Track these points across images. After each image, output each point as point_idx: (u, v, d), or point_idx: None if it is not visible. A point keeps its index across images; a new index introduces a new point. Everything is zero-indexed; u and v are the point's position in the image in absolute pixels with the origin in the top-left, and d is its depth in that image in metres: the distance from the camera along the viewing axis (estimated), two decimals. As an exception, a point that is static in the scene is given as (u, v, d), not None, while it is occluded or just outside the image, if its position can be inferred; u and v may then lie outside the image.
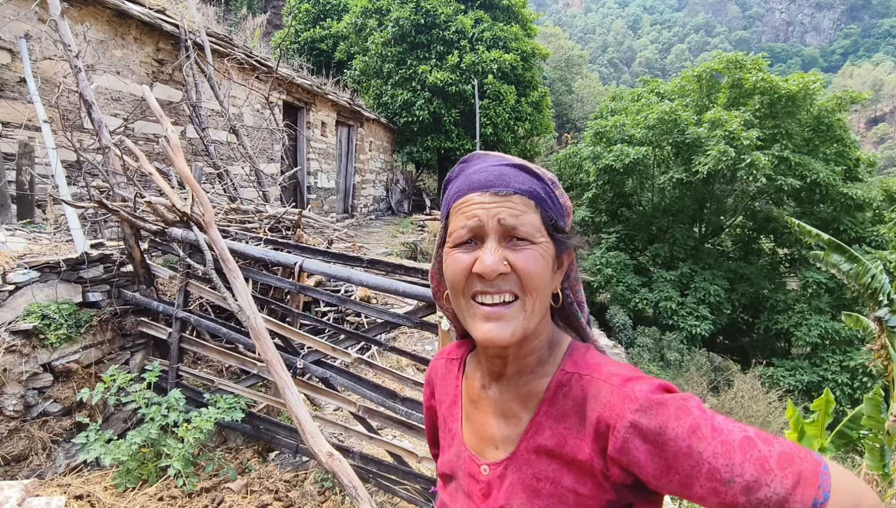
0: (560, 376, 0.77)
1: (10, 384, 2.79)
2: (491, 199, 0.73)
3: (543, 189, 0.76)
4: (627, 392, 0.69)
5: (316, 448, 2.70)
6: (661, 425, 0.65)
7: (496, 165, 0.76)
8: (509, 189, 0.73)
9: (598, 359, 0.78)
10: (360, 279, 3.00)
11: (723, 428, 0.64)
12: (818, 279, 12.59)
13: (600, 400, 0.71)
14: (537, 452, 0.76)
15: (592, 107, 29.04)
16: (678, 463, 0.64)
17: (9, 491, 1.53)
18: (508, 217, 0.72)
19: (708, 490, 0.63)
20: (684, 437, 0.64)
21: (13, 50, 4.42)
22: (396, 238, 11.32)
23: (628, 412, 0.67)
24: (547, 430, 0.75)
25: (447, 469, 0.89)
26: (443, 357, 0.99)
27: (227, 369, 3.98)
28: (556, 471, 0.74)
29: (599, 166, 14.53)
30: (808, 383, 11.78)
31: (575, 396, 0.74)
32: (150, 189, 5.02)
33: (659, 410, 0.66)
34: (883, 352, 6.19)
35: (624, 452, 0.67)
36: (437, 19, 14.75)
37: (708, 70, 15.17)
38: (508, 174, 0.75)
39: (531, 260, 0.72)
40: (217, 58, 6.91)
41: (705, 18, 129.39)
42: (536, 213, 0.74)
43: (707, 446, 0.63)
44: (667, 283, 13.84)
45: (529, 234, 0.72)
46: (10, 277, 2.91)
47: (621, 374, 0.73)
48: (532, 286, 0.72)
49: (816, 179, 12.57)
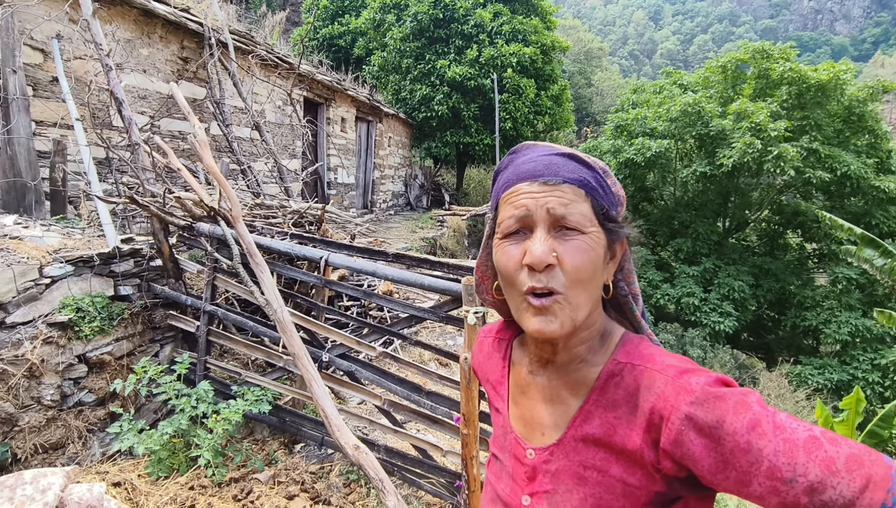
0: (612, 365, 0.76)
1: (48, 374, 2.88)
2: (539, 188, 0.73)
3: (594, 178, 0.75)
4: (683, 384, 0.67)
5: (342, 440, 2.72)
6: (719, 418, 0.63)
7: (545, 155, 0.76)
8: (558, 178, 0.73)
9: (651, 350, 0.76)
10: (385, 274, 3.02)
11: (786, 426, 0.62)
12: (848, 275, 12.25)
13: (654, 391, 0.70)
14: (585, 440, 0.75)
15: (613, 100, 28.69)
16: (736, 459, 0.62)
17: (52, 478, 1.58)
18: (557, 206, 0.71)
19: (767, 488, 0.61)
20: (743, 432, 0.62)
21: (45, 50, 4.53)
22: (416, 233, 11.35)
23: (683, 404, 0.66)
24: (596, 419, 0.75)
25: (495, 448, 0.90)
26: (490, 336, 0.98)
27: (253, 362, 4.04)
28: (603, 460, 0.73)
29: (620, 160, 14.33)
30: (837, 381, 11.49)
31: (627, 386, 0.73)
32: (177, 185, 5.11)
33: (716, 403, 0.64)
34: (918, 350, 6.01)
35: (678, 445, 0.66)
36: (455, 13, 14.70)
37: (733, 60, 14.82)
38: (557, 163, 0.74)
39: (579, 251, 0.71)
40: (240, 55, 6.99)
41: (729, 7, 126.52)
42: (587, 202, 0.73)
43: (768, 443, 0.61)
44: (689, 279, 13.62)
45: (579, 223, 0.72)
46: (46, 271, 2.99)
47: (677, 365, 0.71)
48: (580, 278, 0.71)
49: (847, 172, 12.20)
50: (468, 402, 2.55)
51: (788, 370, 11.57)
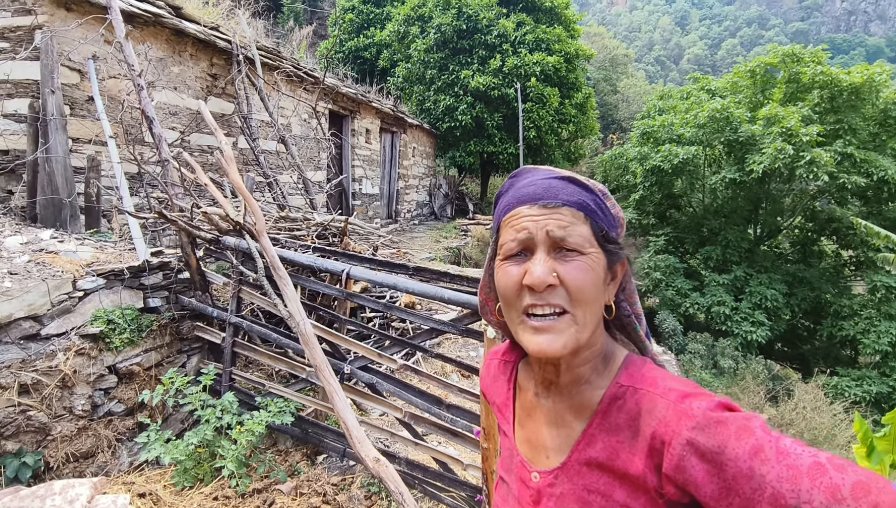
0: (614, 388, 0.76)
1: (80, 384, 2.97)
2: (539, 211, 0.74)
3: (593, 200, 0.76)
4: (685, 409, 0.67)
5: (363, 453, 2.73)
6: (721, 444, 0.62)
7: (544, 179, 0.77)
8: (557, 201, 0.74)
9: (654, 373, 0.76)
10: (406, 287, 3.03)
11: (790, 451, 0.61)
12: (888, 283, 11.79)
13: (655, 415, 0.69)
14: (588, 464, 0.75)
15: (639, 107, 28.36)
16: (738, 485, 0.61)
17: (80, 489, 1.62)
18: (557, 229, 0.72)
19: None
20: (745, 458, 0.61)
21: (82, 70, 4.72)
22: (440, 243, 11.39)
23: (685, 430, 0.65)
24: (599, 442, 0.75)
25: (502, 470, 0.91)
26: (497, 358, 0.99)
27: (276, 373, 4.09)
28: (607, 484, 0.73)
29: (647, 167, 14.15)
30: (876, 394, 11.04)
31: (629, 410, 0.73)
32: (204, 198, 5.25)
33: (718, 428, 0.64)
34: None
35: (680, 470, 0.65)
36: (478, 24, 14.78)
37: (762, 65, 14.52)
38: (556, 186, 0.76)
39: (580, 271, 0.72)
40: (266, 70, 7.16)
41: (758, 11, 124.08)
42: (586, 224, 0.74)
43: (771, 469, 0.60)
44: (719, 287, 13.30)
45: (579, 245, 0.72)
46: (80, 284, 3.10)
47: (679, 389, 0.71)
48: (581, 298, 0.72)
49: (884, 177, 11.78)
50: (488, 415, 2.54)
51: (825, 382, 11.16)
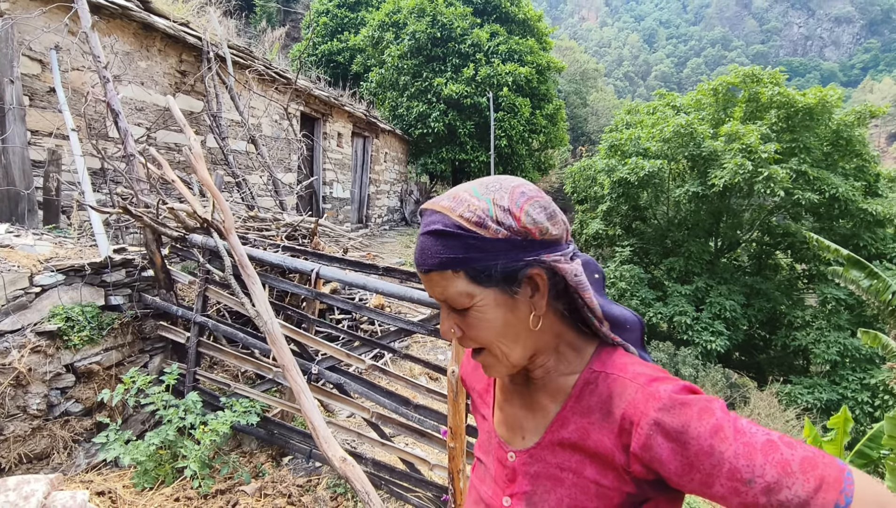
0: (587, 374, 0.80)
1: (35, 383, 2.86)
2: (423, 276, 0.77)
3: (463, 246, 0.71)
4: (652, 391, 0.71)
5: (329, 452, 2.72)
6: (684, 424, 0.67)
7: (422, 235, 0.75)
8: (425, 267, 0.75)
9: (625, 359, 0.80)
10: (375, 287, 3.04)
11: (746, 430, 0.66)
12: (837, 296, 12.37)
13: (625, 398, 0.74)
14: (561, 444, 0.79)
15: (607, 120, 29.02)
16: (700, 462, 0.66)
17: (35, 485, 1.58)
18: (438, 294, 0.77)
19: (728, 489, 0.65)
20: (706, 436, 0.66)
21: (43, 61, 4.58)
22: (410, 248, 11.39)
23: (652, 411, 0.70)
24: (572, 424, 0.79)
25: (480, 452, 0.95)
26: None
27: (242, 373, 4.03)
28: (578, 463, 0.77)
29: (614, 179, 14.49)
30: (826, 401, 11.53)
31: (601, 393, 0.77)
32: (171, 197, 5.14)
33: (682, 409, 0.68)
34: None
35: (647, 449, 0.70)
36: (453, 33, 14.94)
37: (724, 84, 15.11)
38: (426, 249, 0.74)
39: (473, 326, 0.76)
40: (238, 69, 7.07)
41: (722, 32, 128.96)
42: (458, 278, 0.73)
43: (729, 446, 0.65)
44: (682, 297, 13.69)
45: (460, 303, 0.75)
46: (37, 279, 3.00)
47: (647, 374, 0.75)
48: (487, 341, 0.77)
49: (835, 194, 12.40)
50: (455, 415, 2.57)
51: (778, 390, 11.61)
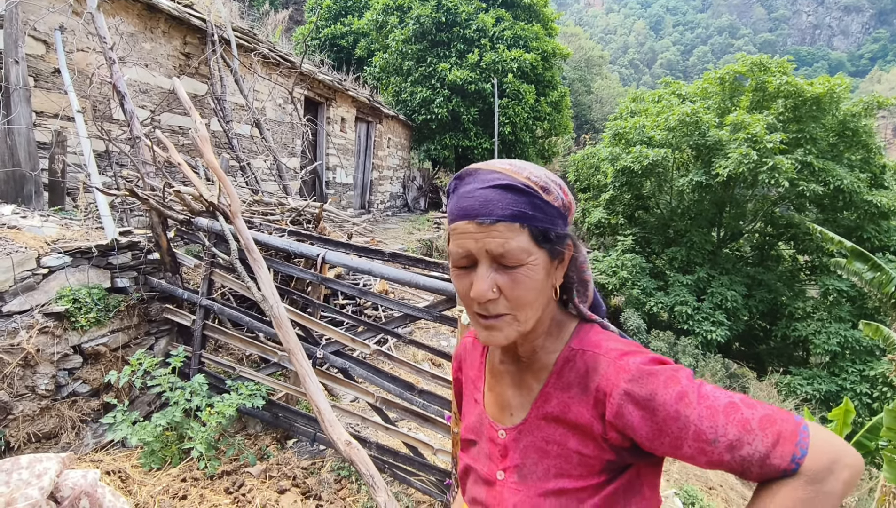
0: (566, 352, 0.85)
1: (43, 363, 2.89)
2: (476, 229, 0.76)
3: (530, 204, 0.77)
4: (622, 364, 0.77)
5: (334, 436, 2.75)
6: (651, 392, 0.73)
7: (482, 188, 0.77)
8: (492, 217, 0.75)
9: (600, 336, 0.85)
10: (381, 272, 3.05)
11: (709, 394, 0.72)
12: (839, 287, 12.36)
13: (599, 372, 0.79)
14: (545, 418, 0.85)
15: (612, 108, 28.83)
16: (667, 426, 0.72)
17: (48, 463, 1.60)
18: (495, 247, 0.75)
19: (695, 449, 0.71)
20: (672, 403, 0.72)
21: (48, 42, 4.55)
22: (412, 235, 11.39)
23: (622, 382, 0.76)
24: (554, 399, 0.84)
25: (471, 434, 0.98)
26: (471, 336, 1.09)
27: (247, 357, 4.06)
28: (562, 435, 0.83)
29: (617, 168, 14.42)
30: (826, 392, 11.59)
31: (578, 369, 0.83)
32: (176, 180, 5.13)
33: (649, 379, 0.74)
34: (905, 363, 6.09)
35: (619, 417, 0.75)
36: (458, 17, 14.77)
37: (731, 72, 14.95)
38: (492, 200, 0.76)
39: (520, 283, 0.77)
40: (242, 52, 7.02)
41: (729, 20, 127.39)
42: (523, 233, 0.76)
43: (693, 410, 0.71)
44: (683, 287, 13.70)
45: (517, 258, 0.75)
46: (44, 261, 3.01)
47: (619, 349, 0.81)
48: (521, 304, 0.78)
49: (840, 186, 12.33)
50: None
51: (778, 380, 11.67)
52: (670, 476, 6.15)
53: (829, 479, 0.67)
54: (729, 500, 5.80)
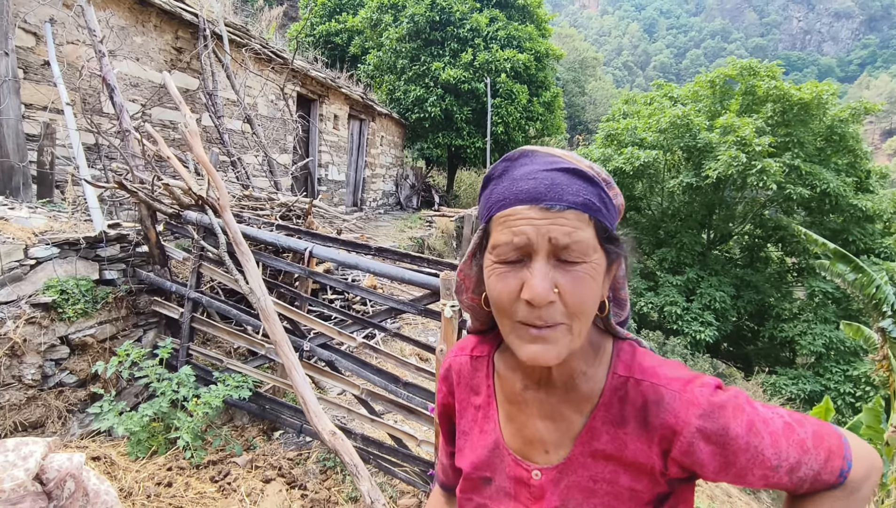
0: (614, 380, 0.76)
1: (30, 353, 2.91)
2: (541, 214, 0.66)
3: (598, 195, 0.69)
4: (690, 398, 0.71)
5: (320, 426, 2.79)
6: (723, 427, 0.69)
7: (547, 171, 0.68)
8: (563, 203, 0.66)
9: (649, 361, 0.77)
10: (368, 267, 3.09)
11: (768, 419, 0.71)
12: (825, 289, 12.55)
13: (663, 406, 0.72)
14: (594, 456, 0.76)
15: (605, 109, 29.00)
16: (737, 458, 0.70)
17: (33, 447, 1.62)
18: (561, 236, 0.65)
19: (759, 476, 0.70)
20: (743, 435, 0.69)
21: (38, 34, 4.55)
22: (404, 233, 11.42)
23: (693, 418, 0.70)
24: (604, 435, 0.76)
25: (484, 471, 0.85)
26: (465, 354, 0.92)
27: (235, 350, 4.08)
28: (612, 472, 0.75)
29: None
30: (810, 392, 11.76)
31: (633, 401, 0.74)
32: (165, 173, 5.14)
33: (721, 413, 0.70)
34: (885, 363, 6.19)
35: (688, 454, 0.71)
36: (452, 17, 14.81)
37: (722, 76, 15.12)
38: (561, 184, 0.67)
39: (582, 284, 0.67)
40: (234, 48, 7.02)
41: (722, 24, 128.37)
42: (590, 227, 0.68)
43: (762, 440, 0.69)
44: (673, 288, 13.84)
45: (582, 253, 0.66)
46: (31, 251, 3.02)
47: (679, 377, 0.74)
48: (581, 312, 0.68)
49: (827, 189, 12.51)
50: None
51: (764, 380, 11.82)
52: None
53: (863, 486, 0.71)
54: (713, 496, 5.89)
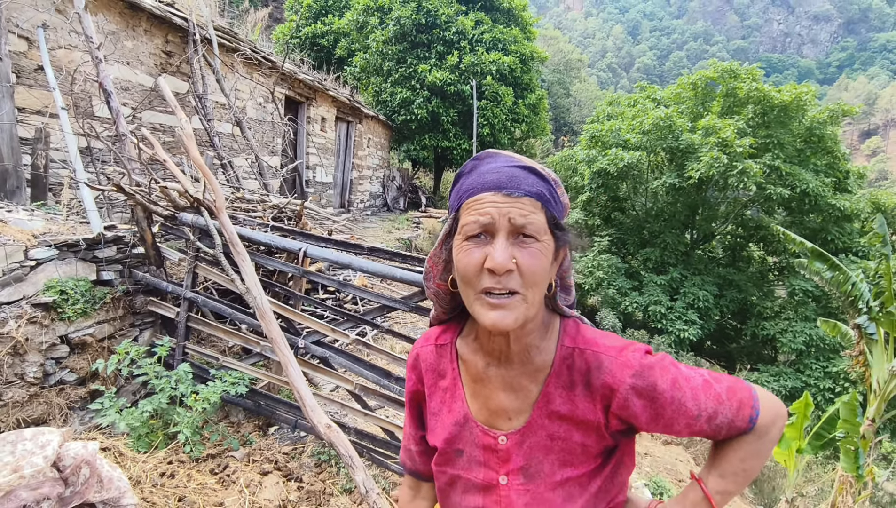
0: (562, 351, 0.90)
1: (31, 352, 2.98)
2: (503, 199, 0.80)
3: (548, 190, 0.84)
4: (624, 361, 0.86)
5: (315, 420, 2.90)
6: (652, 383, 0.84)
7: (508, 167, 0.84)
8: (520, 191, 0.80)
9: (591, 334, 0.92)
10: (360, 265, 3.21)
11: (689, 376, 0.86)
12: (804, 287, 12.85)
13: (603, 369, 0.87)
14: (550, 417, 0.89)
15: (590, 111, 29.33)
16: (664, 410, 0.85)
17: (50, 436, 1.72)
18: (518, 217, 0.79)
19: (683, 425, 0.85)
20: (669, 390, 0.84)
21: (30, 39, 4.59)
22: (391, 234, 11.52)
23: (627, 377, 0.85)
24: (558, 398, 0.89)
25: (456, 444, 0.96)
26: (430, 344, 1.04)
27: (230, 348, 4.17)
28: (566, 430, 0.89)
29: (594, 170, 14.75)
30: (791, 388, 12.04)
31: (579, 367, 0.88)
32: (158, 176, 5.20)
33: (650, 372, 0.85)
34: (861, 358, 6.43)
35: (624, 408, 0.85)
36: (437, 19, 14.95)
37: (703, 78, 15.42)
38: (519, 177, 0.82)
39: (535, 257, 0.80)
40: (223, 52, 7.09)
41: (704, 27, 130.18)
42: (542, 213, 0.82)
43: (683, 394, 0.84)
44: (657, 287, 14.08)
45: (535, 232, 0.80)
46: (31, 253, 3.09)
47: (615, 345, 0.89)
48: (533, 281, 0.81)
49: (806, 190, 12.82)
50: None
51: (746, 377, 12.08)
52: (641, 470, 6.41)
53: (771, 430, 0.86)
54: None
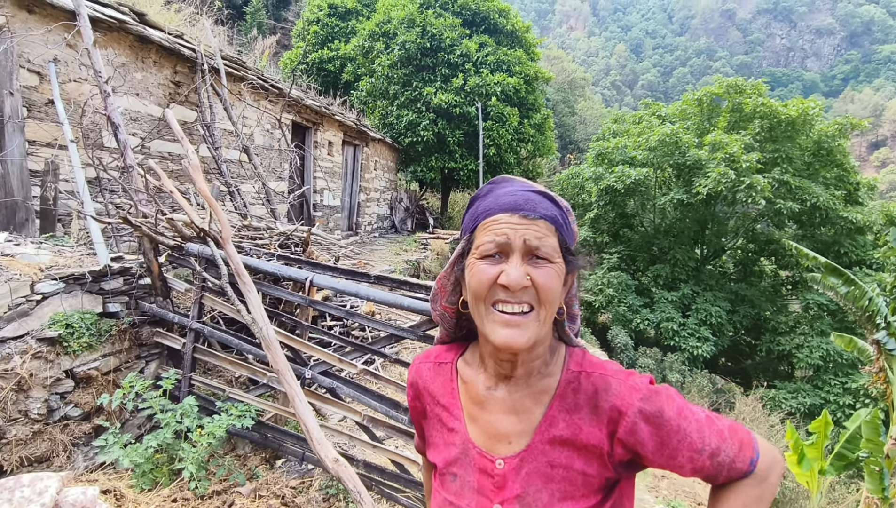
0: (567, 375, 0.88)
1: (36, 388, 2.95)
2: (519, 221, 0.83)
3: (561, 215, 0.87)
4: (632, 384, 0.84)
5: (323, 454, 2.83)
6: (660, 409, 0.82)
7: (524, 191, 0.87)
8: (536, 214, 0.83)
9: (597, 360, 0.91)
10: (367, 294, 3.16)
11: (693, 409, 0.85)
12: (819, 301, 12.66)
13: (611, 392, 0.85)
14: (552, 442, 0.86)
15: (595, 128, 29.43)
16: (670, 439, 0.82)
17: (48, 481, 1.68)
18: (533, 238, 0.82)
19: (686, 458, 0.82)
20: (675, 418, 0.82)
21: (41, 73, 4.67)
22: (400, 256, 11.50)
23: (636, 400, 0.83)
24: (561, 422, 0.86)
25: (452, 467, 0.93)
26: (429, 361, 1.03)
27: (236, 379, 4.12)
28: (568, 457, 0.85)
29: (601, 187, 14.74)
30: (810, 405, 11.77)
31: (585, 390, 0.86)
32: (165, 206, 5.23)
33: (657, 398, 0.83)
34: (881, 375, 6.24)
35: (632, 433, 0.82)
36: (442, 43, 15.15)
37: (708, 94, 15.47)
38: (535, 200, 0.85)
39: (549, 277, 0.82)
40: (231, 81, 7.18)
41: (707, 43, 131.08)
42: (555, 236, 0.84)
43: (689, 424, 0.82)
44: (668, 304, 13.93)
45: (549, 254, 0.83)
46: (38, 287, 3.08)
47: (622, 370, 0.88)
48: (547, 299, 0.82)
49: (816, 203, 12.72)
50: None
51: (763, 394, 11.82)
52: (659, 493, 6.23)
53: (770, 476, 0.84)
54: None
